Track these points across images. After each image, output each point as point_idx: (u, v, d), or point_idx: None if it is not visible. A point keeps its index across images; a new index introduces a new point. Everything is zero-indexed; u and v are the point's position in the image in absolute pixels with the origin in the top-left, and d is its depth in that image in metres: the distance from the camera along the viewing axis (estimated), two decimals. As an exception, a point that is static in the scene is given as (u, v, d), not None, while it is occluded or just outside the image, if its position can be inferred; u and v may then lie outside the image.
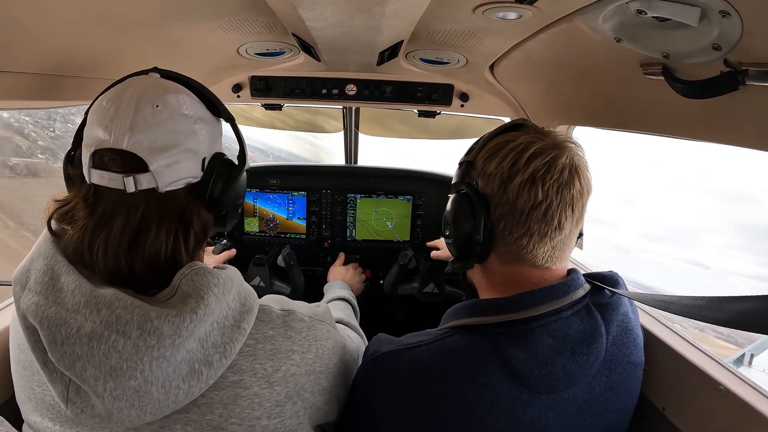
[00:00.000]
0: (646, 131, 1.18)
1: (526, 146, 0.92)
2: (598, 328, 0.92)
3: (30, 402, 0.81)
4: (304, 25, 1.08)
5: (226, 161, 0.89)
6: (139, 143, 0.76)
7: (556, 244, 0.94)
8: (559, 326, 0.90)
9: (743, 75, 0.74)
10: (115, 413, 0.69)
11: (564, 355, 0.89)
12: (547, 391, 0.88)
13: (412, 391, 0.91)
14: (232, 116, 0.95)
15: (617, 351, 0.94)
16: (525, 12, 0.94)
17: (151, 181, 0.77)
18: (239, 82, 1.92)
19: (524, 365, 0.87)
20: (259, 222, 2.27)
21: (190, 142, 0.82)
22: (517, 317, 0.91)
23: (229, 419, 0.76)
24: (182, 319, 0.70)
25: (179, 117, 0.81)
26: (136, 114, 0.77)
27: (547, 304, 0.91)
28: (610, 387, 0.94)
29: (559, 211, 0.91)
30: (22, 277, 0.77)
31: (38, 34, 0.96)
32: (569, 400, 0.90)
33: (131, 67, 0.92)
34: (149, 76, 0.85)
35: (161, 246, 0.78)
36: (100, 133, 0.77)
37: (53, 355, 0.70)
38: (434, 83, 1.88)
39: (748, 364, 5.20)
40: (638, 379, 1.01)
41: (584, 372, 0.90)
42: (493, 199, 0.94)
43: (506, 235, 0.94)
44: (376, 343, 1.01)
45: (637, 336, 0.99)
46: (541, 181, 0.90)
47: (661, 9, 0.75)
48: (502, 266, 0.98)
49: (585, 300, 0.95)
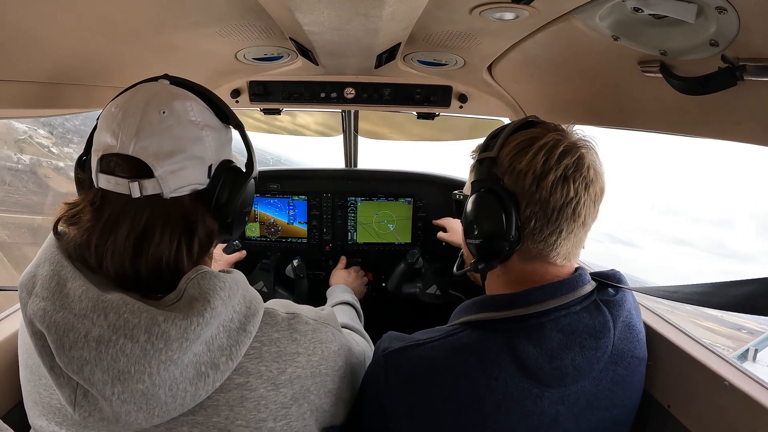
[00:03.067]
0: (645, 129, 1.18)
1: (555, 144, 0.92)
2: (607, 323, 0.93)
3: (36, 407, 0.82)
4: (302, 29, 1.08)
5: (234, 169, 0.90)
6: (145, 149, 0.77)
7: (577, 240, 0.96)
8: (568, 321, 0.91)
9: (741, 70, 0.74)
10: (123, 416, 0.69)
11: (573, 349, 0.89)
12: (557, 385, 0.89)
13: (423, 386, 0.91)
14: (240, 123, 0.94)
15: (623, 346, 0.95)
16: (522, 12, 0.94)
17: (155, 187, 0.78)
18: (238, 88, 1.92)
19: (535, 359, 0.88)
20: (260, 227, 2.28)
21: (197, 149, 0.82)
22: (527, 312, 0.91)
23: (235, 421, 0.77)
24: (189, 322, 0.71)
25: (186, 123, 0.81)
26: (142, 120, 0.78)
27: (557, 299, 0.92)
28: (616, 381, 0.95)
29: (586, 207, 0.93)
30: (28, 283, 0.77)
31: (38, 42, 0.96)
32: (578, 394, 0.91)
33: (131, 74, 0.93)
34: (158, 83, 0.86)
35: (164, 252, 0.79)
36: (108, 138, 0.78)
37: (61, 360, 0.70)
38: (432, 85, 1.88)
39: (752, 359, 5.19)
40: (642, 374, 1.02)
41: (592, 366, 0.91)
42: (524, 196, 0.93)
43: (536, 233, 0.94)
44: (386, 340, 1.01)
45: (640, 332, 1.00)
46: (572, 178, 0.91)
47: (658, 6, 0.75)
48: (522, 264, 0.98)
49: (593, 296, 0.95)
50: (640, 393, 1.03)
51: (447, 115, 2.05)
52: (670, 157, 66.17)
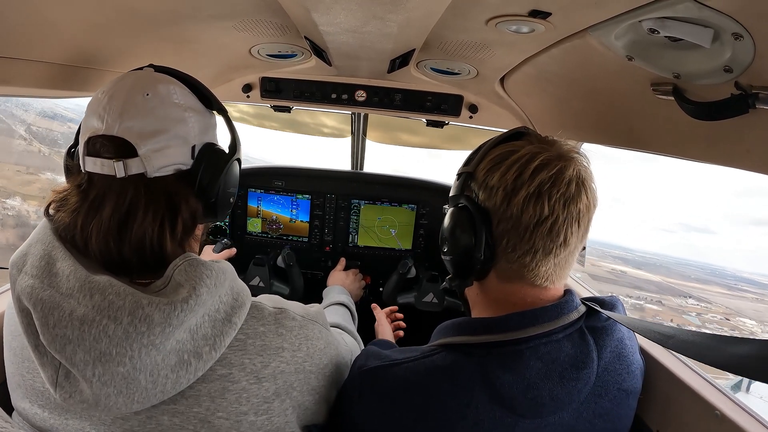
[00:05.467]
0: (654, 151, 1.18)
1: (531, 157, 0.88)
2: (590, 353, 0.89)
3: (19, 389, 0.82)
4: (317, 29, 1.09)
5: (217, 150, 0.92)
6: (129, 129, 0.79)
7: (559, 261, 0.91)
8: (548, 349, 0.87)
9: (753, 98, 0.73)
10: (103, 399, 0.70)
11: (552, 379, 0.85)
12: (532, 416, 0.85)
13: (395, 406, 0.90)
14: (224, 108, 0.98)
15: (608, 377, 0.91)
16: (538, 26, 0.94)
17: (139, 166, 0.80)
18: (249, 83, 1.92)
19: (509, 388, 0.84)
20: (262, 223, 2.28)
21: (180, 129, 0.85)
22: (505, 338, 0.88)
23: (216, 413, 0.77)
24: (173, 307, 0.71)
25: (169, 104, 0.84)
26: (126, 102, 0.80)
27: (538, 326, 0.88)
28: (598, 414, 0.91)
29: (566, 226, 0.87)
30: (19, 261, 0.79)
31: (58, 25, 0.98)
32: (555, 425, 0.87)
33: (146, 61, 0.95)
34: (144, 70, 0.90)
35: (147, 231, 0.80)
36: (95, 122, 0.81)
37: (45, 338, 0.70)
38: (444, 93, 1.88)
39: (746, 390, 5.15)
40: (631, 407, 0.97)
41: (572, 397, 0.87)
42: (496, 213, 0.90)
43: (509, 252, 0.90)
44: (363, 357, 1.00)
45: (632, 363, 0.96)
46: (548, 194, 0.86)
47: (674, 29, 0.75)
48: (501, 284, 0.95)
49: (579, 323, 0.91)
50: (627, 426, 0.99)
51: (456, 125, 2.05)
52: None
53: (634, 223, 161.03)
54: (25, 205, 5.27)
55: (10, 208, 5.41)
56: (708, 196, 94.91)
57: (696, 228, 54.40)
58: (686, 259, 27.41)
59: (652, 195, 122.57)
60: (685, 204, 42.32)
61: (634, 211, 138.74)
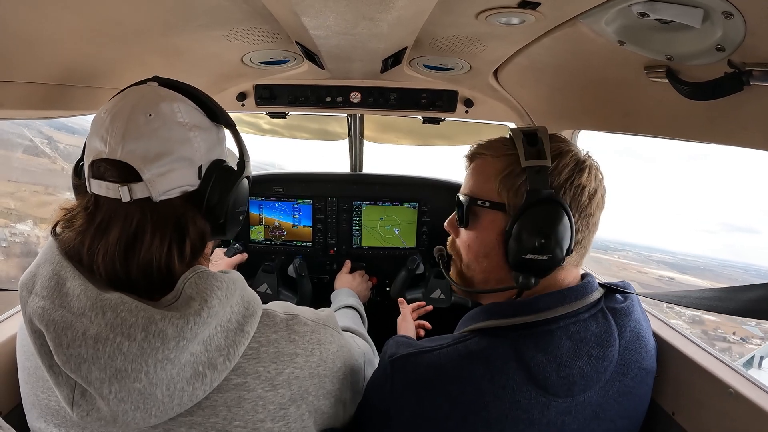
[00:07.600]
0: (651, 134, 1.18)
1: (592, 161, 0.98)
2: (612, 332, 0.92)
3: (35, 408, 0.82)
4: (308, 33, 1.09)
5: (225, 168, 0.88)
6: (132, 152, 0.77)
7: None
8: (577, 328, 0.90)
9: (747, 75, 0.74)
10: (120, 416, 0.70)
11: (581, 357, 0.89)
12: (564, 394, 0.88)
13: (430, 393, 0.91)
14: (232, 122, 0.93)
15: (629, 356, 0.94)
16: (528, 17, 0.94)
17: (144, 190, 0.78)
18: (244, 91, 1.93)
19: (543, 367, 0.87)
20: (264, 230, 2.28)
21: (184, 150, 0.82)
22: (537, 319, 0.91)
23: (233, 422, 0.77)
24: (186, 321, 0.71)
25: (173, 125, 0.81)
26: (129, 123, 0.78)
27: (566, 306, 0.91)
28: (622, 392, 0.94)
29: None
30: (28, 282, 0.78)
31: (44, 43, 0.97)
32: (584, 404, 0.90)
33: (137, 76, 0.93)
34: (147, 86, 0.86)
35: (155, 255, 0.79)
36: (98, 144, 0.79)
37: (59, 358, 0.70)
38: (438, 89, 1.88)
39: (758, 366, 5.16)
40: (649, 386, 1.01)
41: (599, 375, 0.90)
42: (577, 210, 0.94)
43: (578, 245, 0.95)
44: (393, 346, 1.00)
45: (649, 343, 0.99)
46: (604, 195, 0.98)
47: (664, 11, 0.75)
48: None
49: (600, 304, 0.95)
50: (646, 405, 1.02)
51: (452, 120, 2.05)
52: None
53: (672, 223, 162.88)
54: (36, 230, 5.10)
55: (18, 233, 5.21)
56: (750, 193, 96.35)
57: (738, 228, 54.16)
58: (728, 261, 26.53)
59: (692, 193, 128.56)
60: (726, 202, 41.44)
61: (673, 211, 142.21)
